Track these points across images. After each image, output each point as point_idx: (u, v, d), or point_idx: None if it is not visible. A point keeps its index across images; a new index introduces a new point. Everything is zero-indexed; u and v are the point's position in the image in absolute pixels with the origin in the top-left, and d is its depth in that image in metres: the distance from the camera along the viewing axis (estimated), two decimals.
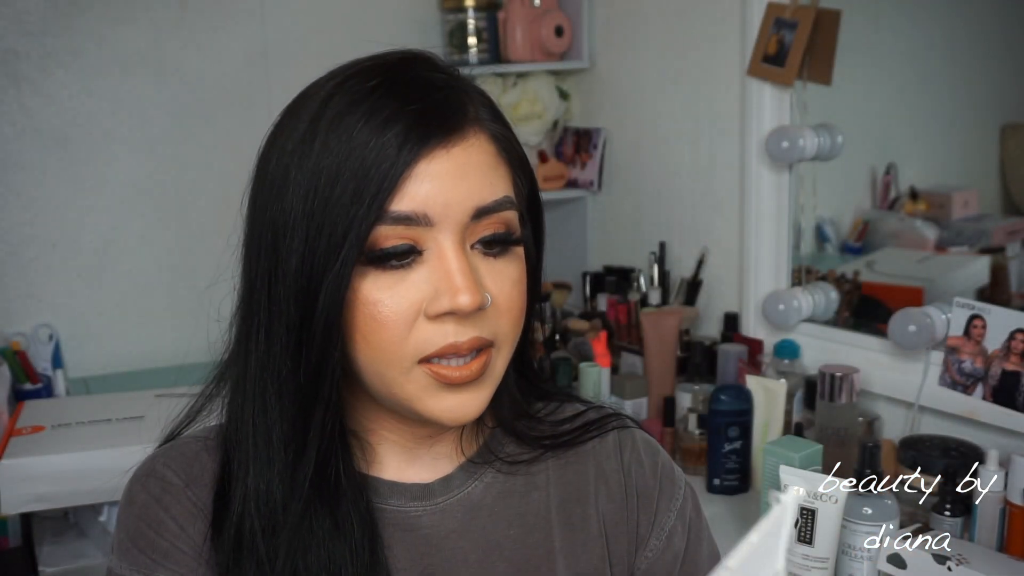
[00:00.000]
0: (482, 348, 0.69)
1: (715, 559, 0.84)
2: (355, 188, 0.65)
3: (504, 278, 0.70)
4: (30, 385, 1.79)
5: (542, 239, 0.78)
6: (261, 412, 0.69)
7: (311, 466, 0.69)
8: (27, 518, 1.52)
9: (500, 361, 0.71)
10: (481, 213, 0.67)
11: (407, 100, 0.66)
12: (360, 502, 0.71)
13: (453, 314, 0.66)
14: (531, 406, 0.83)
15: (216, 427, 0.78)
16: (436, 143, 0.66)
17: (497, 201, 0.68)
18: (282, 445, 0.69)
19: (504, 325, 0.70)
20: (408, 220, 0.65)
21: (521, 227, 0.72)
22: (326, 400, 0.68)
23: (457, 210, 0.66)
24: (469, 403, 0.70)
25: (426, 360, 0.68)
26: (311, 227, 0.65)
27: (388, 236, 0.66)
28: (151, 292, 2.01)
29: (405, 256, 0.67)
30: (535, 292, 0.77)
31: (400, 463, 0.77)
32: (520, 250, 0.72)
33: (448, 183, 0.66)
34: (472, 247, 0.68)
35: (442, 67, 0.71)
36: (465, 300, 0.65)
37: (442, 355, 0.67)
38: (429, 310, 0.66)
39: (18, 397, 1.74)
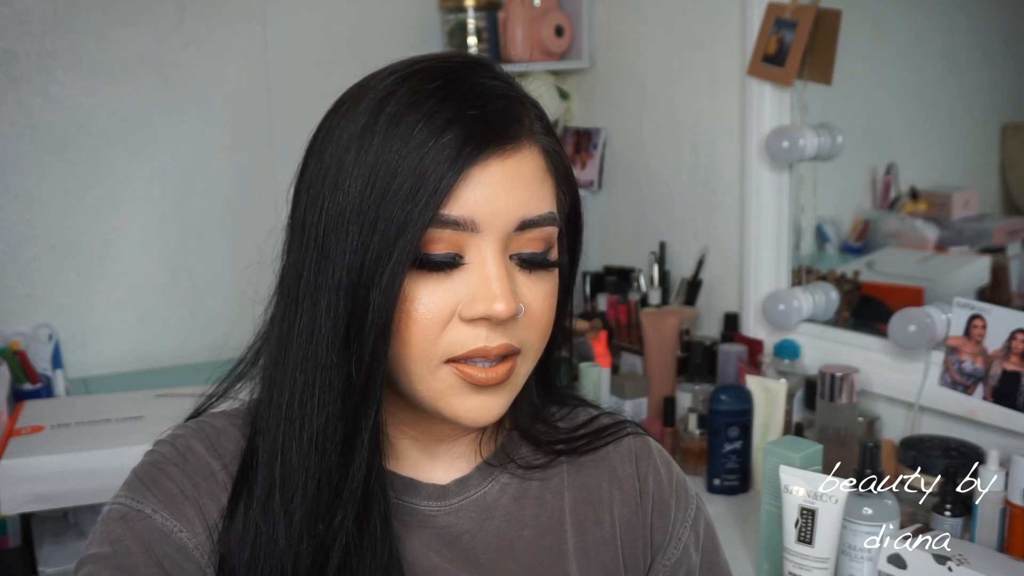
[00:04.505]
0: (509, 354, 0.69)
1: (728, 574, 0.85)
2: (411, 187, 0.65)
3: (538, 290, 0.71)
4: (30, 385, 1.79)
5: (579, 251, 0.79)
6: (299, 403, 0.69)
7: (362, 474, 0.68)
8: (27, 518, 1.52)
9: (524, 368, 0.72)
10: (525, 225, 0.68)
11: (467, 105, 0.67)
12: (384, 502, 0.71)
13: (487, 320, 0.67)
14: (546, 410, 0.84)
15: (244, 407, 0.78)
16: (492, 151, 0.67)
17: (542, 216, 0.69)
18: (316, 440, 0.68)
19: (532, 335, 0.71)
20: (456, 224, 0.66)
21: (559, 242, 0.73)
22: (377, 400, 0.68)
23: (503, 219, 0.67)
24: (491, 405, 0.70)
25: (454, 360, 0.68)
26: (365, 222, 0.66)
27: (435, 239, 0.66)
28: (151, 292, 2.01)
29: (448, 260, 0.67)
30: (565, 307, 0.78)
31: (418, 460, 0.78)
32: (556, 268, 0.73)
33: (498, 192, 0.67)
34: (511, 258, 0.69)
35: (501, 74, 0.72)
36: (501, 307, 0.66)
37: (470, 357, 0.68)
38: (464, 313, 0.67)
39: (18, 397, 1.74)
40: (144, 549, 0.69)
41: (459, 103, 0.67)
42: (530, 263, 0.70)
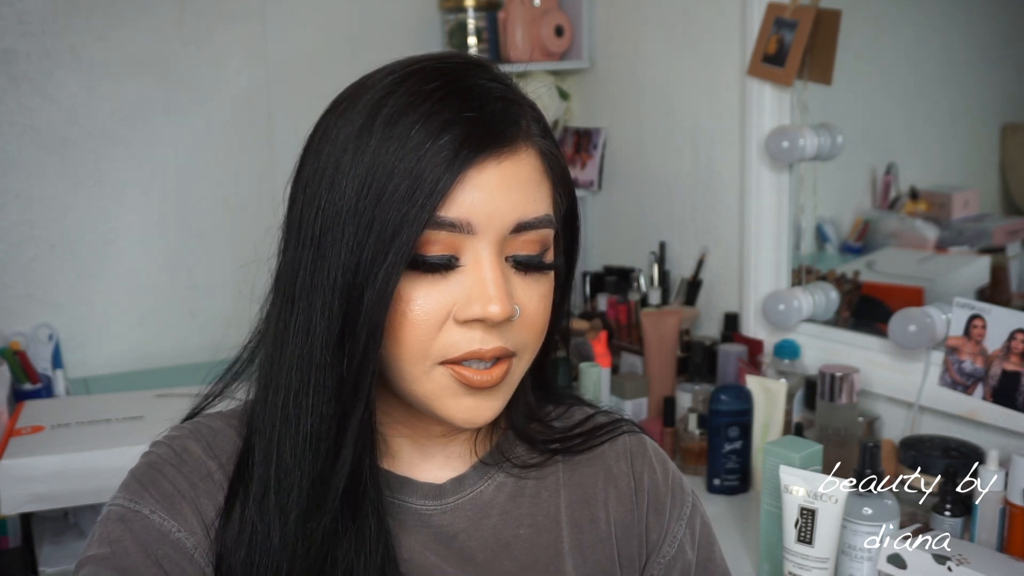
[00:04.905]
0: (504, 357, 0.69)
1: (725, 571, 0.85)
2: (407, 188, 0.65)
3: (533, 292, 0.71)
4: (30, 385, 1.79)
5: (575, 253, 0.79)
6: (293, 402, 0.69)
7: (345, 472, 0.68)
8: (27, 518, 1.52)
9: (519, 370, 0.72)
10: (521, 228, 0.68)
11: (465, 107, 0.67)
12: (378, 500, 0.71)
13: (482, 321, 0.67)
14: (542, 410, 0.84)
15: (240, 407, 0.78)
16: (489, 153, 0.67)
17: (538, 218, 0.69)
18: (310, 439, 0.68)
19: (527, 337, 0.71)
20: (452, 226, 0.66)
21: (555, 245, 0.73)
22: (366, 399, 0.68)
23: (499, 222, 0.67)
24: (485, 407, 0.70)
25: (449, 362, 0.68)
26: (361, 222, 0.66)
27: (431, 241, 0.66)
28: (151, 292, 2.01)
29: (444, 262, 0.67)
30: (562, 308, 0.78)
31: (413, 459, 0.78)
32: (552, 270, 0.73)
33: (495, 194, 0.67)
34: (506, 259, 0.69)
35: (499, 76, 0.72)
36: (496, 310, 0.66)
37: (465, 359, 0.68)
38: (459, 315, 0.67)
39: (18, 397, 1.74)
40: (143, 549, 0.69)
41: (457, 104, 0.67)
42: (526, 265, 0.70)
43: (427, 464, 0.78)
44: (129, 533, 0.70)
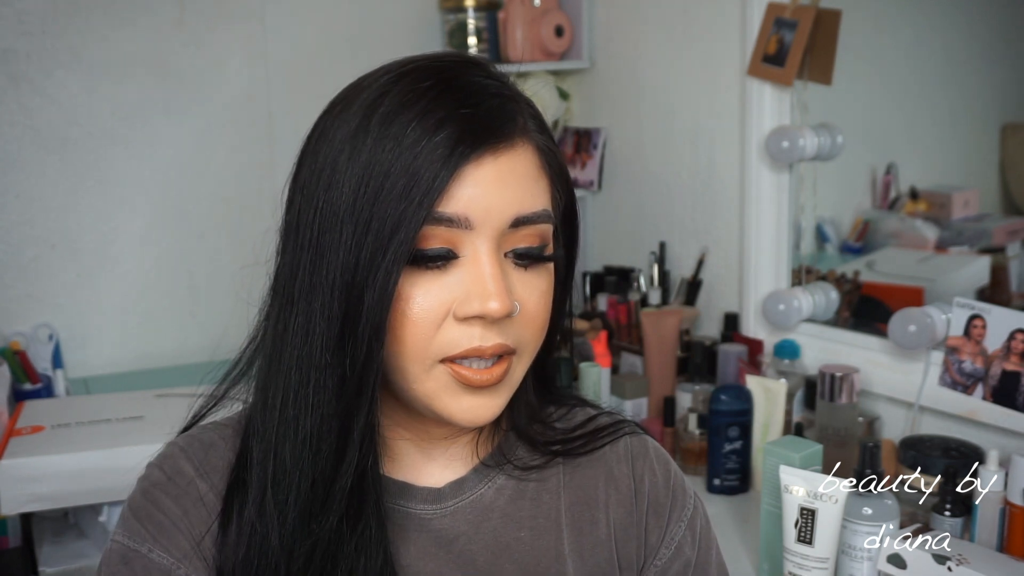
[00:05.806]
0: (504, 354, 0.69)
1: (723, 571, 0.85)
2: (404, 186, 0.65)
3: (533, 288, 0.71)
4: (30, 385, 1.79)
5: (575, 251, 0.79)
6: (293, 403, 0.69)
7: (350, 475, 0.68)
8: (27, 518, 1.52)
9: (520, 368, 0.72)
10: (519, 222, 0.68)
11: (460, 103, 0.67)
12: (378, 503, 0.71)
13: (481, 318, 0.67)
14: (544, 410, 0.84)
15: (236, 416, 0.78)
16: (485, 149, 0.67)
17: (536, 213, 0.69)
18: (310, 441, 0.68)
19: (527, 334, 0.71)
20: (450, 222, 0.66)
21: (554, 240, 0.73)
22: (370, 400, 0.68)
23: (497, 217, 0.67)
24: (486, 406, 0.70)
25: (449, 360, 0.68)
26: (359, 222, 0.66)
27: (428, 237, 0.66)
28: (151, 292, 2.01)
29: (442, 258, 0.67)
30: (563, 305, 0.78)
31: (414, 462, 0.78)
32: (551, 264, 0.73)
33: (492, 189, 0.67)
34: (505, 255, 0.69)
35: (494, 73, 0.72)
36: (495, 306, 0.66)
37: (465, 357, 0.68)
38: (458, 312, 0.67)
39: (18, 397, 1.74)
40: None
41: (452, 102, 0.67)
42: (525, 257, 0.70)
43: (428, 467, 0.78)
44: (131, 575, 0.70)
